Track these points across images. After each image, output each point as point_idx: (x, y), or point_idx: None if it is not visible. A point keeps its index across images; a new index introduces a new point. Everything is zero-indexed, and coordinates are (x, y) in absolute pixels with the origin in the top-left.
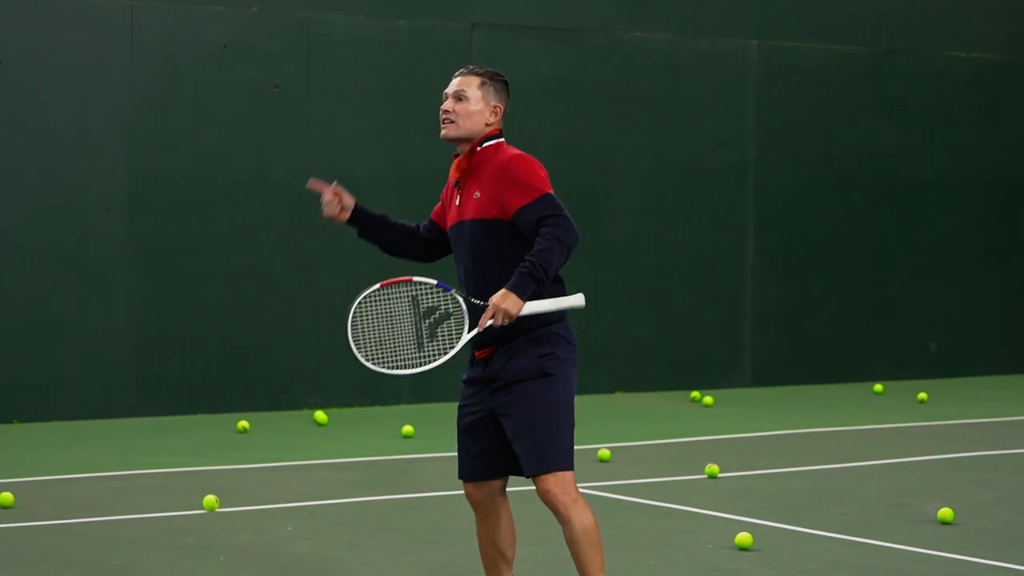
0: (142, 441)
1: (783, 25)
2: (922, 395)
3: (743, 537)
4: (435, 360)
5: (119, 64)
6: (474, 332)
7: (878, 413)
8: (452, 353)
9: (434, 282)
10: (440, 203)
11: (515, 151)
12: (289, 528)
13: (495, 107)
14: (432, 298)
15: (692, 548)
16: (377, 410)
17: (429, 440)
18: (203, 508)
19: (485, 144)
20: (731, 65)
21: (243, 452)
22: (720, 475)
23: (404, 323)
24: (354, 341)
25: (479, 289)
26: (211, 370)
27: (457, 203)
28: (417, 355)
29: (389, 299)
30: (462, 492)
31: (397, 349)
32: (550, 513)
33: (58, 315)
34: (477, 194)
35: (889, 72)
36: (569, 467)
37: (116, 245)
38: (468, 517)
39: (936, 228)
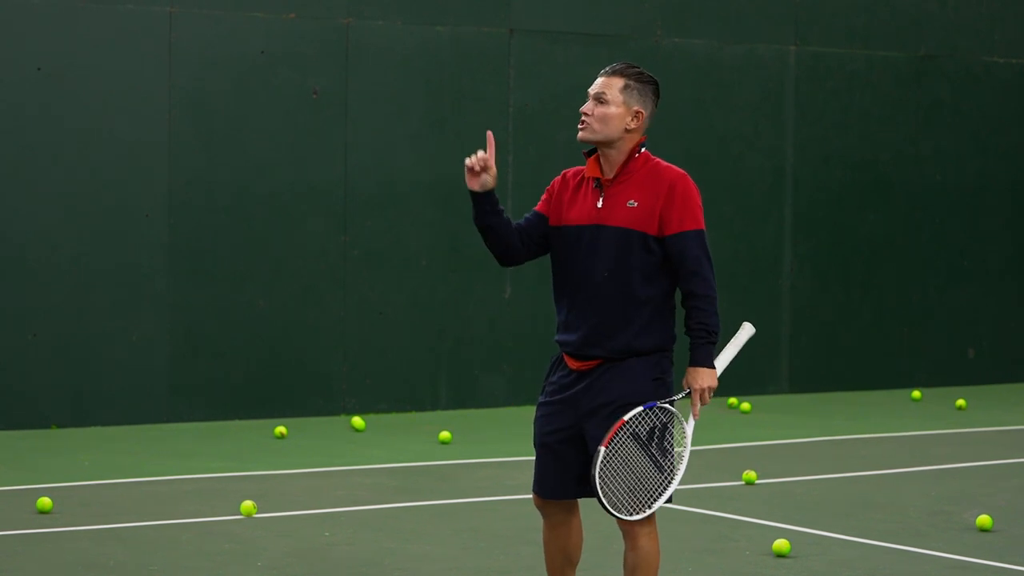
0: (180, 446)
1: (822, 30)
2: (960, 402)
3: (781, 544)
4: (679, 470)
5: (158, 71)
6: (693, 422)
7: (916, 420)
8: (687, 454)
9: (640, 408)
10: (545, 202)
11: (674, 167)
12: (326, 534)
13: (637, 112)
14: (646, 422)
15: (730, 555)
16: (415, 416)
17: (466, 446)
18: (241, 514)
19: (642, 150)
20: (770, 70)
21: (281, 458)
22: (757, 482)
23: (639, 461)
24: (613, 508)
25: (608, 299)
26: (249, 375)
27: (598, 204)
28: (661, 477)
29: (616, 451)
30: (500, 498)
31: (647, 486)
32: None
33: (96, 320)
34: (633, 203)
35: (928, 77)
36: None
37: (155, 251)
38: (506, 523)
39: (975, 233)
